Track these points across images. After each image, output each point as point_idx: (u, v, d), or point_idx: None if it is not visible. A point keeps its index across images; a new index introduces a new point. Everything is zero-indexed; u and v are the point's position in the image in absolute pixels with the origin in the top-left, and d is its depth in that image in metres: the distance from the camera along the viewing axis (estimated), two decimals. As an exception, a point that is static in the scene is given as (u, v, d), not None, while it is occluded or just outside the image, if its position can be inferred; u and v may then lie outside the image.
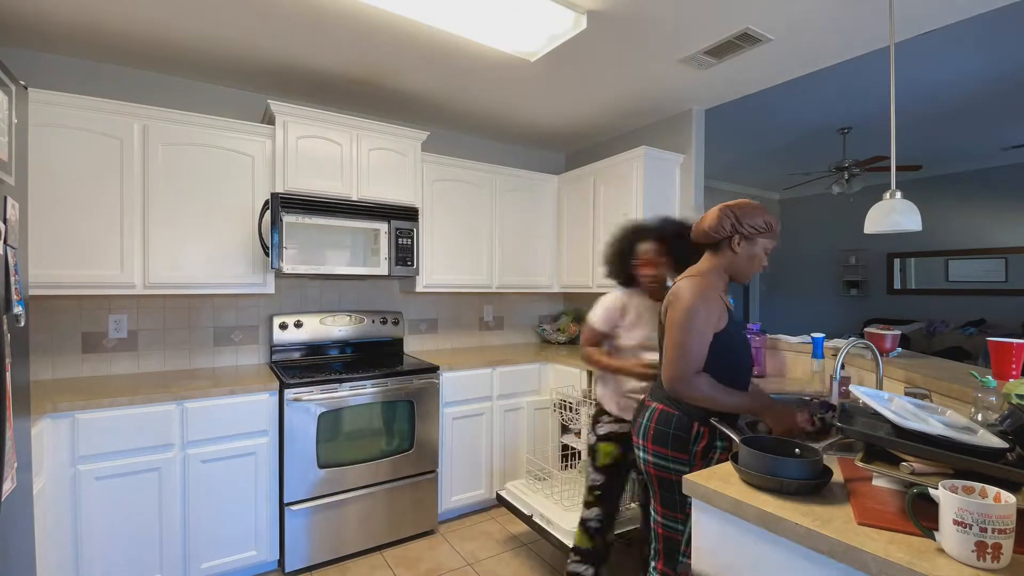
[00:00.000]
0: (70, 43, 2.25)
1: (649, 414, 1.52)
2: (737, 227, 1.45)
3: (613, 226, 3.06)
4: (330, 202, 2.54)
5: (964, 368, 1.84)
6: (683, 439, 1.45)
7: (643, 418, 1.54)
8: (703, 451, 1.46)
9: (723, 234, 1.46)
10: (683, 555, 1.49)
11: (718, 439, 1.46)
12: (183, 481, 2.07)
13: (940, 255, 5.68)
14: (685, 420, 1.45)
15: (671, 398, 1.48)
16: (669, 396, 1.48)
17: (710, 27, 2.10)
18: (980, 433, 1.00)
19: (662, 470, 1.48)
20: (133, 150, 2.20)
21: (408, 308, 3.30)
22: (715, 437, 1.46)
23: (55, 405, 1.84)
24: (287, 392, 2.24)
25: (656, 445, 1.48)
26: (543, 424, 3.06)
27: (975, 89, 3.32)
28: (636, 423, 1.58)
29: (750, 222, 1.43)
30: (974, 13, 1.97)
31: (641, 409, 1.59)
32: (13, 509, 1.31)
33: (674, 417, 1.46)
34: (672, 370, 1.39)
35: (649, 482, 1.54)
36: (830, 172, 4.77)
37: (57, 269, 2.06)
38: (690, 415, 1.45)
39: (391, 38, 2.20)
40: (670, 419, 1.47)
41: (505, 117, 3.21)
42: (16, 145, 1.38)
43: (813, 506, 0.96)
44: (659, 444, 1.48)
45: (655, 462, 1.49)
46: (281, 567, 2.32)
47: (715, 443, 1.47)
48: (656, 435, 1.48)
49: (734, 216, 1.44)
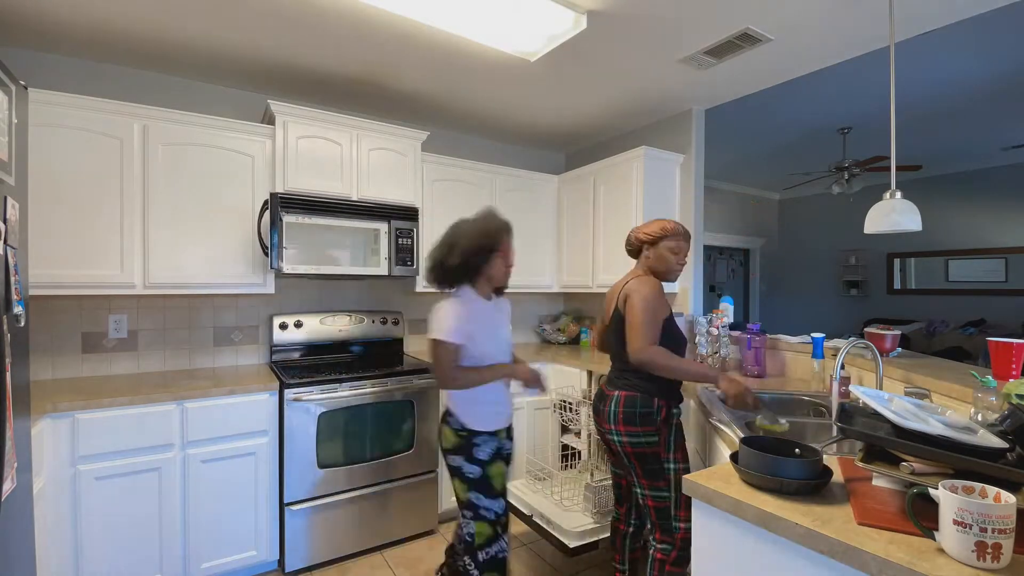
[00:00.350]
0: (70, 43, 2.25)
1: (615, 401, 1.74)
2: (638, 238, 1.87)
3: (613, 226, 3.07)
4: (330, 202, 2.54)
5: (964, 368, 1.84)
6: (648, 414, 1.70)
7: (609, 406, 1.76)
8: (665, 420, 1.73)
9: (634, 245, 1.89)
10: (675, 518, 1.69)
11: (674, 408, 1.77)
12: (183, 481, 2.07)
13: (940, 255, 5.68)
14: (647, 398, 1.71)
15: (630, 384, 1.74)
16: (628, 382, 1.75)
17: (710, 27, 2.10)
18: (980, 433, 1.00)
19: (638, 446, 1.71)
20: (133, 150, 2.20)
21: (408, 308, 3.30)
22: (671, 407, 1.75)
23: (55, 405, 1.84)
24: (287, 392, 2.24)
25: (627, 426, 1.71)
26: (543, 424, 3.06)
27: (975, 89, 3.32)
28: (602, 411, 1.77)
29: (645, 231, 1.85)
30: (974, 13, 1.97)
31: (603, 398, 1.80)
32: (13, 509, 1.31)
33: (637, 398, 1.71)
34: (638, 342, 1.66)
35: (628, 461, 1.74)
36: (830, 172, 4.77)
37: (57, 269, 2.06)
38: (649, 392, 1.72)
39: (391, 38, 2.20)
40: (634, 400, 1.71)
41: (505, 117, 3.21)
42: (16, 145, 1.38)
43: (813, 506, 0.96)
44: (629, 424, 1.71)
45: (630, 441, 1.71)
46: (281, 567, 2.32)
47: (672, 411, 1.76)
48: (626, 417, 1.71)
49: (635, 233, 1.88)
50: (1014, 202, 5.20)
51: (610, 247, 3.10)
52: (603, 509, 2.19)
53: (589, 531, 2.10)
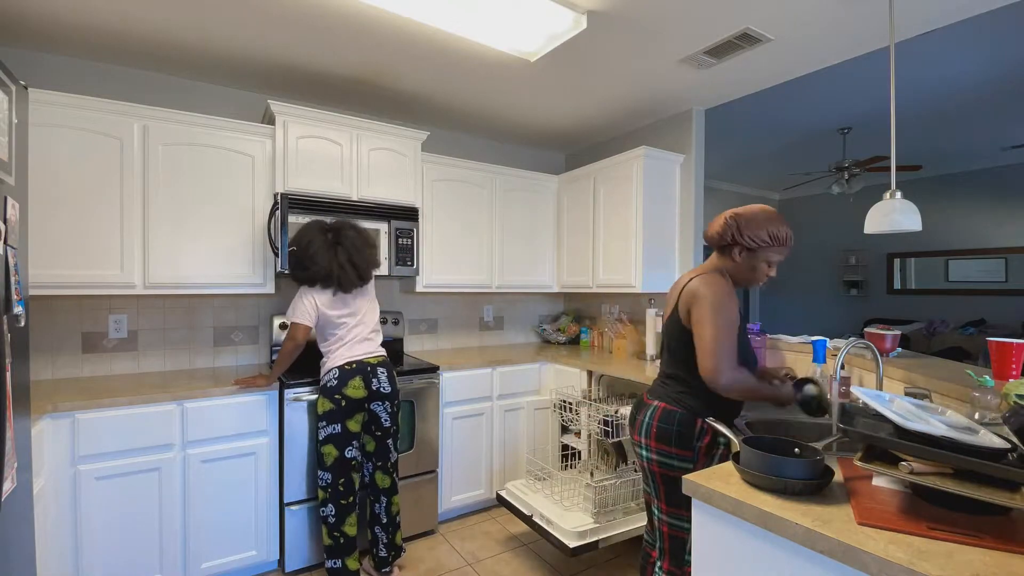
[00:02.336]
0: (70, 43, 2.25)
1: (651, 412, 1.52)
2: (738, 238, 1.45)
3: (613, 226, 3.07)
4: (330, 202, 2.54)
5: (964, 368, 1.84)
6: (687, 436, 1.46)
7: (644, 416, 1.54)
8: (707, 448, 1.47)
9: (726, 241, 1.47)
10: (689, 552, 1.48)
11: (720, 436, 1.47)
12: (183, 481, 2.07)
13: (940, 255, 5.69)
14: (689, 417, 1.46)
15: (673, 396, 1.49)
16: (671, 393, 1.50)
17: (710, 27, 2.10)
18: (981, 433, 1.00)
19: (666, 468, 1.48)
20: (133, 150, 2.20)
21: (408, 308, 3.30)
22: (718, 434, 1.46)
23: (55, 405, 1.84)
24: (287, 392, 2.24)
25: (660, 443, 1.48)
26: (543, 424, 3.06)
27: (975, 89, 3.32)
28: (636, 421, 1.58)
29: (751, 234, 1.43)
30: (974, 13, 1.97)
31: (640, 407, 1.59)
32: (13, 509, 1.31)
33: (677, 414, 1.47)
34: (713, 362, 1.36)
35: (652, 480, 1.53)
36: (830, 172, 4.77)
37: (57, 269, 2.06)
38: (694, 412, 1.46)
39: (391, 38, 2.20)
40: (673, 416, 1.47)
41: (505, 117, 3.21)
42: (16, 145, 1.38)
43: (813, 506, 0.96)
44: (662, 442, 1.48)
45: (659, 460, 1.49)
46: (281, 567, 2.32)
47: (718, 439, 1.47)
48: (660, 433, 1.48)
49: (736, 226, 1.45)
50: (1014, 202, 5.20)
51: (610, 247, 3.10)
52: (603, 509, 2.19)
53: (589, 531, 2.10)
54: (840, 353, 1.50)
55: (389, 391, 2.22)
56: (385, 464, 2.28)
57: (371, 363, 2.19)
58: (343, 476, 2.13)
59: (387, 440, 2.26)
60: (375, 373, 2.18)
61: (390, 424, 2.24)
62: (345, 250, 2.14)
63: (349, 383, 2.11)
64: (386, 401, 2.22)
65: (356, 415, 2.15)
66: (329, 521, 2.11)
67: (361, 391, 2.13)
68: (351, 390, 2.11)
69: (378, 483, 2.27)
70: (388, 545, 2.25)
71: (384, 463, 2.28)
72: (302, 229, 2.19)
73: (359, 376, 2.14)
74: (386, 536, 2.26)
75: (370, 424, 2.23)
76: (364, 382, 2.14)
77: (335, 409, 2.10)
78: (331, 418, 2.10)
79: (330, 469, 2.11)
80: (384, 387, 2.20)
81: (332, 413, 2.10)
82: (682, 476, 1.42)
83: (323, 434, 2.12)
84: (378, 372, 2.19)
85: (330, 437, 2.11)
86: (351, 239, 2.18)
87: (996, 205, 5.32)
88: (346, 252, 2.14)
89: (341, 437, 2.12)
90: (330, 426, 2.11)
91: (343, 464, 2.13)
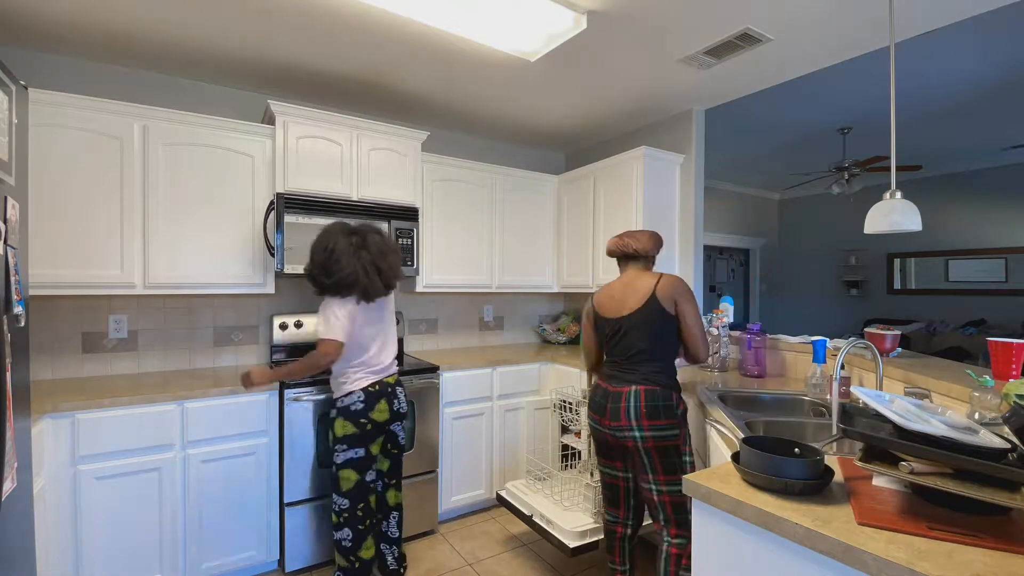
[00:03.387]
0: (70, 43, 2.25)
1: (634, 396, 1.74)
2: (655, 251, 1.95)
3: (613, 226, 3.07)
4: (330, 202, 2.54)
5: (964, 368, 1.84)
6: (670, 407, 1.73)
7: (625, 402, 1.74)
8: (683, 414, 1.78)
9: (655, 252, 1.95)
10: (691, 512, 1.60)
11: None
12: (183, 481, 2.07)
13: (940, 255, 5.68)
14: (666, 392, 1.75)
15: (647, 379, 1.76)
16: (646, 375, 1.76)
17: (710, 27, 2.10)
18: (981, 433, 1.00)
19: (660, 440, 1.71)
20: (133, 150, 2.20)
21: (408, 308, 3.30)
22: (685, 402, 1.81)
23: (55, 405, 1.84)
24: (287, 392, 2.24)
25: (650, 420, 1.71)
26: (543, 424, 3.06)
27: (975, 89, 3.32)
28: (619, 408, 1.74)
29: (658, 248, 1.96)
30: (974, 13, 1.97)
31: (611, 396, 1.78)
32: (13, 509, 1.31)
33: (657, 391, 1.73)
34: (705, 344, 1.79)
35: (647, 457, 1.73)
36: (830, 172, 4.77)
37: (57, 269, 2.06)
38: (668, 387, 1.76)
39: (391, 38, 2.20)
40: (655, 394, 1.73)
41: (505, 117, 3.21)
42: (16, 145, 1.38)
43: (813, 506, 0.96)
44: (652, 418, 1.71)
45: (653, 435, 1.71)
46: (281, 567, 2.32)
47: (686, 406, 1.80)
48: (649, 411, 1.71)
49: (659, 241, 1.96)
50: (1014, 202, 5.20)
51: (610, 247, 3.10)
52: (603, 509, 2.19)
53: (589, 531, 2.10)
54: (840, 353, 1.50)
55: (406, 411, 2.18)
56: (399, 482, 2.25)
57: (390, 383, 2.11)
58: (362, 501, 2.03)
59: (400, 457, 2.24)
60: (395, 394, 2.11)
61: (405, 442, 2.20)
62: (370, 255, 1.99)
63: (376, 407, 2.02)
64: (403, 420, 2.17)
65: (379, 438, 2.06)
66: (344, 545, 2.02)
67: (386, 414, 2.05)
68: (377, 414, 2.02)
69: (389, 501, 2.22)
70: (398, 559, 2.24)
71: (398, 480, 2.24)
72: (324, 231, 2.02)
73: (384, 399, 2.05)
74: (397, 550, 2.24)
75: (386, 443, 2.18)
76: (388, 404, 2.06)
77: (359, 433, 2.00)
78: (353, 442, 2.00)
79: (348, 495, 2.01)
80: (403, 407, 2.14)
81: (355, 437, 2.00)
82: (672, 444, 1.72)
83: (342, 458, 2.00)
84: (397, 392, 2.12)
85: (350, 462, 2.00)
86: (376, 243, 2.02)
87: (996, 205, 5.31)
88: (371, 257, 1.99)
89: (362, 462, 2.02)
90: (351, 450, 2.00)
91: (363, 489, 2.03)
